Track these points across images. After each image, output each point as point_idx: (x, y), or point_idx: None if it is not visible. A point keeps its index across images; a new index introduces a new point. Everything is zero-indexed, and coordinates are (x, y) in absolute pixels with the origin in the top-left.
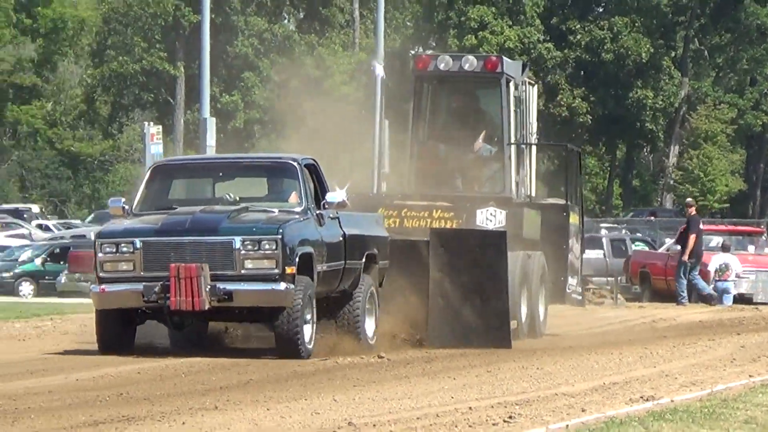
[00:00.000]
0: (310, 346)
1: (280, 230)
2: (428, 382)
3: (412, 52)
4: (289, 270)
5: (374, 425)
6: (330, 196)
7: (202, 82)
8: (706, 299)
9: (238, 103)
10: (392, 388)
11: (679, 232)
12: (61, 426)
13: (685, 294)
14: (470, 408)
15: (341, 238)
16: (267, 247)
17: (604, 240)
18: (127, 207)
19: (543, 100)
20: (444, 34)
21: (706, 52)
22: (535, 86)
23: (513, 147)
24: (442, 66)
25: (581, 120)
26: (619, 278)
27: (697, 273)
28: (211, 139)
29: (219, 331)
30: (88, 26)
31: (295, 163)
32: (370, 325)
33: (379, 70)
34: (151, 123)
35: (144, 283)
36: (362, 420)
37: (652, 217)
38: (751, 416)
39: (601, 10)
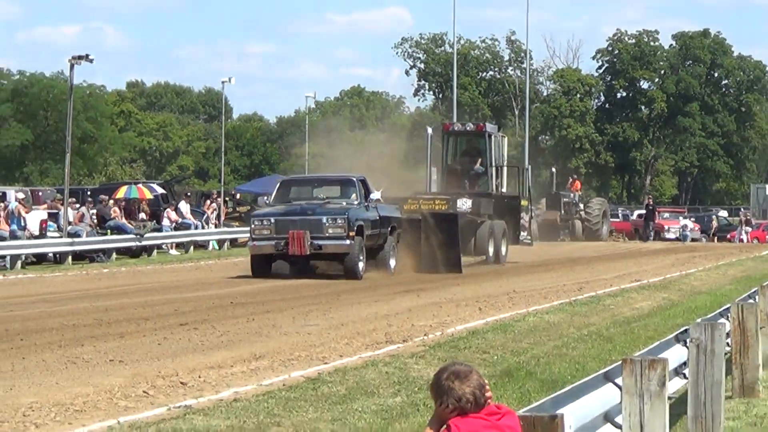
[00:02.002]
0: (363, 274)
1: (346, 213)
2: (543, 273)
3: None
4: (351, 234)
5: (524, 291)
6: (372, 195)
7: None
8: (644, 238)
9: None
10: (526, 276)
11: (645, 207)
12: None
13: (651, 237)
14: (564, 284)
15: (378, 217)
16: (339, 222)
17: (620, 214)
18: (267, 201)
19: (597, 154)
20: (553, 130)
21: (661, 137)
22: (506, 138)
23: (493, 168)
24: (456, 128)
25: (610, 166)
26: (624, 231)
27: (651, 228)
28: None
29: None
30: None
31: (354, 178)
32: (392, 262)
33: (429, 131)
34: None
35: (275, 241)
36: (520, 289)
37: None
38: (682, 288)
39: (618, 119)
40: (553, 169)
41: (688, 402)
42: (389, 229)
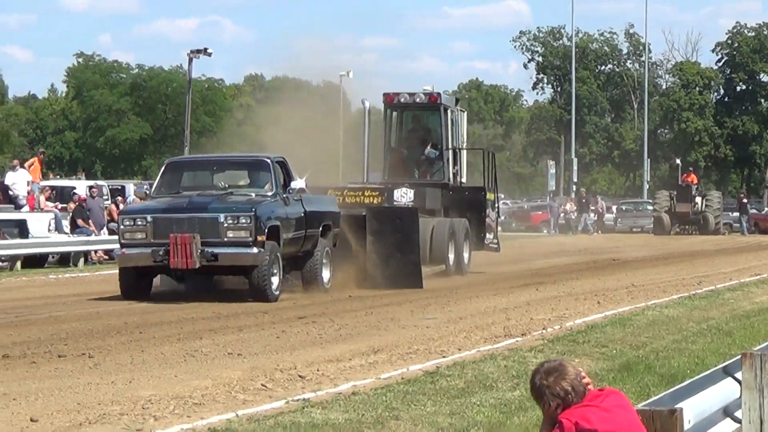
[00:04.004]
0: (277, 293)
1: (253, 209)
2: (663, 267)
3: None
4: (260, 238)
5: (643, 285)
6: (293, 184)
7: (571, 148)
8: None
9: (585, 153)
10: (645, 270)
11: (739, 201)
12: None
13: (744, 231)
14: (683, 278)
15: (302, 214)
16: (243, 221)
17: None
18: (148, 192)
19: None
20: (672, 124)
21: None
22: (465, 113)
23: (450, 151)
24: (402, 100)
25: (729, 159)
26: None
27: (745, 221)
28: (575, 166)
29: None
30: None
31: (268, 160)
32: (326, 274)
33: (366, 104)
34: (550, 160)
35: (152, 248)
36: (639, 283)
37: None
38: None
39: (737, 113)
40: (678, 161)
41: None
42: (320, 229)
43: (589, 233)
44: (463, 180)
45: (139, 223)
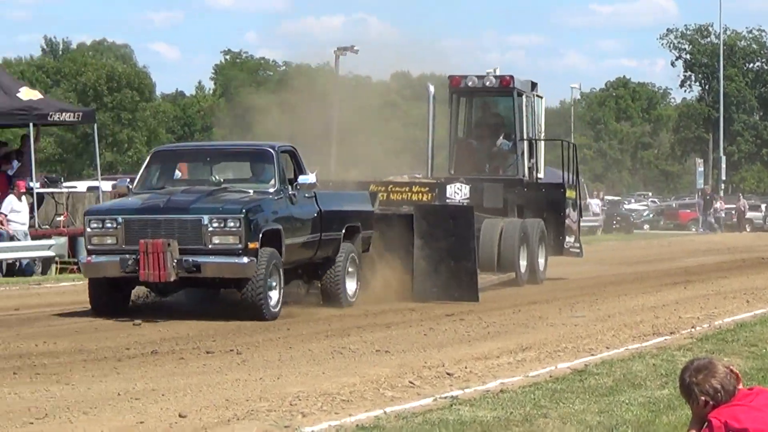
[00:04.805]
0: (275, 310)
1: (243, 210)
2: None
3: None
4: (251, 245)
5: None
6: (302, 179)
7: (719, 146)
8: None
9: (734, 151)
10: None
11: None
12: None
13: None
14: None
15: (317, 214)
16: (231, 224)
17: None
18: (131, 187)
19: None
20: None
21: None
22: (543, 99)
23: (525, 142)
24: (470, 84)
25: None
26: None
27: None
28: (724, 164)
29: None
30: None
31: (272, 150)
32: (351, 286)
33: (431, 89)
34: (698, 158)
35: (120, 256)
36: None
37: None
38: None
39: None
40: None
41: None
42: (343, 231)
43: (701, 231)
44: (540, 175)
45: (109, 225)
